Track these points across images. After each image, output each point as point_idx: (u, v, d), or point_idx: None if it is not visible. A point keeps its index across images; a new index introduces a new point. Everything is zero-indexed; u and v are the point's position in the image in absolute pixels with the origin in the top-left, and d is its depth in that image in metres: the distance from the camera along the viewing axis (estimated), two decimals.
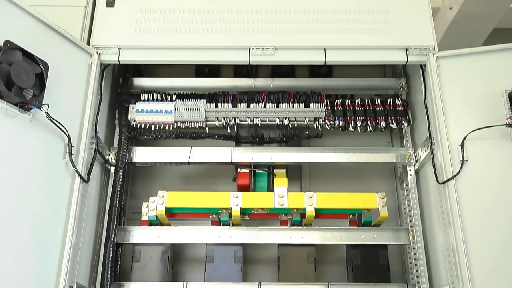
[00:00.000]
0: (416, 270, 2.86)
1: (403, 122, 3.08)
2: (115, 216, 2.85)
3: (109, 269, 2.73)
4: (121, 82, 3.22)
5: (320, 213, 2.93)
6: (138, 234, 2.87)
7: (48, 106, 2.37)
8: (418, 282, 2.82)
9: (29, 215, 2.29)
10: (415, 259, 2.88)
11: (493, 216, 2.44)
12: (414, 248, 2.89)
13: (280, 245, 2.90)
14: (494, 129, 2.54)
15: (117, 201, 2.89)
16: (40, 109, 2.34)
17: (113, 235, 2.80)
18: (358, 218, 3.00)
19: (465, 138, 2.55)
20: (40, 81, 2.37)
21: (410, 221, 2.98)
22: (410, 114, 3.12)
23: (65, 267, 2.39)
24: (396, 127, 3.08)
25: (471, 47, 2.80)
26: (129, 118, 3.08)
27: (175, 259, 3.09)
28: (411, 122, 3.12)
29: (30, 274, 2.25)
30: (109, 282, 2.70)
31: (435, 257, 2.77)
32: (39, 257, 2.31)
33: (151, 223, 2.93)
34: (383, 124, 3.05)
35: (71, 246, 2.45)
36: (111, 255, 2.76)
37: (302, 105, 3.08)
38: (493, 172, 2.51)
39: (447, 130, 2.62)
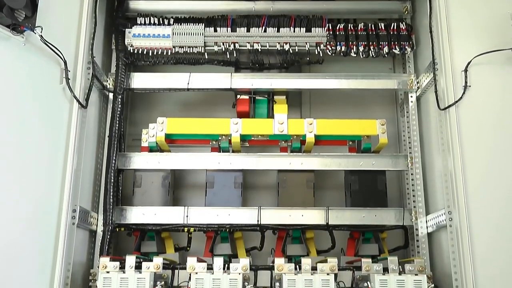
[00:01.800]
0: (413, 195, 2.91)
1: (406, 47, 3.00)
2: (115, 142, 2.86)
3: (111, 193, 2.78)
4: (117, 5, 3.11)
5: (320, 140, 2.94)
6: (139, 160, 2.89)
7: (42, 29, 2.30)
8: (414, 207, 2.87)
9: (29, 141, 2.29)
10: (412, 185, 2.93)
11: (493, 143, 2.44)
12: (412, 174, 2.92)
13: (279, 171, 2.93)
14: (499, 54, 2.47)
15: (117, 127, 2.88)
16: (33, 31, 2.27)
17: (113, 161, 2.82)
18: (358, 145, 3.02)
19: (469, 63, 2.50)
20: (32, 2, 2.28)
21: (410, 147, 2.99)
22: (413, 39, 3.05)
23: (68, 192, 2.44)
24: (399, 52, 3.01)
25: None
26: (126, 43, 3.00)
27: (176, 185, 3.14)
28: (415, 47, 3.05)
29: (34, 199, 2.29)
30: (111, 206, 2.76)
31: (433, 183, 2.81)
32: (41, 183, 2.34)
33: (151, 149, 2.95)
34: (385, 49, 2.98)
35: (72, 171, 2.48)
36: (112, 180, 2.79)
37: (303, 29, 2.99)
38: (496, 98, 2.48)
39: (451, 55, 2.56)
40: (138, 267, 2.44)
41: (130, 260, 2.44)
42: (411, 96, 3.03)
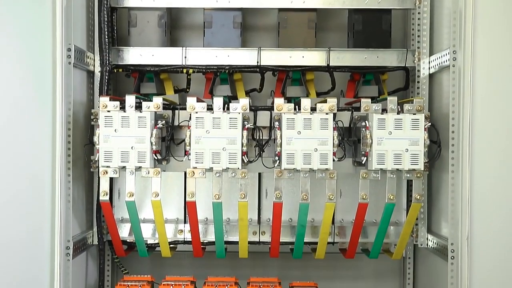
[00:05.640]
0: (418, 36, 2.81)
1: None
2: None
3: (106, 33, 2.68)
4: None
5: None
6: None
7: None
8: (418, 48, 2.79)
9: None
10: (418, 25, 2.81)
11: None
12: (419, 13, 2.79)
13: (280, 10, 2.81)
14: None
15: None
16: None
17: None
18: None
19: None
20: None
21: None
22: None
23: (60, 29, 2.33)
24: None
25: None
26: None
27: (173, 25, 3.02)
28: None
29: (24, 38, 2.22)
30: (107, 46, 2.68)
31: (439, 24, 2.70)
32: (30, 21, 2.25)
33: None
34: None
35: (63, 8, 2.34)
36: (106, 19, 2.68)
37: None
38: None
39: None
40: (138, 107, 2.45)
41: (130, 99, 2.44)
42: None
